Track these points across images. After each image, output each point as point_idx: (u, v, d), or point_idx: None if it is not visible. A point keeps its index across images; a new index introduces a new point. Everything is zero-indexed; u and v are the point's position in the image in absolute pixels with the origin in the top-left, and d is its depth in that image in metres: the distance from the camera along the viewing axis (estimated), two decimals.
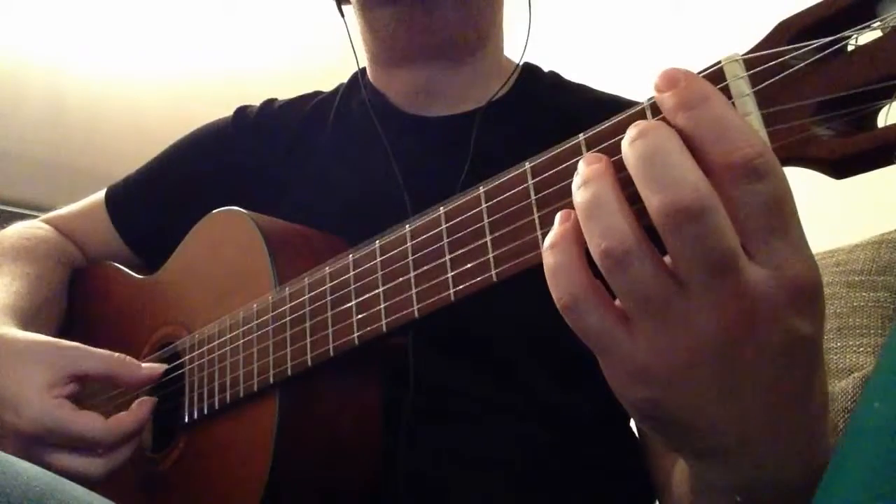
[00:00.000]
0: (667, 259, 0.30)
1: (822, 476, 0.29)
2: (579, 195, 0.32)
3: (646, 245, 0.30)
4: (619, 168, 0.31)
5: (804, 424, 0.33)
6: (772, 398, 0.31)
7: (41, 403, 0.55)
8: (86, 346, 0.59)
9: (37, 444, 0.55)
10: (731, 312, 0.29)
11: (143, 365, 0.60)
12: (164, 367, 0.62)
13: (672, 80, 0.30)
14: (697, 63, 0.33)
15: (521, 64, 0.77)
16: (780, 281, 0.29)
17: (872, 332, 0.72)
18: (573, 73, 0.79)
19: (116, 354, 0.60)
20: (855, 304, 0.74)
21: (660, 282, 0.30)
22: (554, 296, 0.32)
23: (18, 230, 0.83)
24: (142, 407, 0.58)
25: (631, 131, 0.30)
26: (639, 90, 0.47)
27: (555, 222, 0.33)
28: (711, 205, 0.28)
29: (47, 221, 0.87)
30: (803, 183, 0.36)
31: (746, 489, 0.34)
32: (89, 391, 0.67)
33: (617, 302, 0.32)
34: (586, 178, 0.32)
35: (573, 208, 0.32)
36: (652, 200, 0.29)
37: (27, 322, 0.67)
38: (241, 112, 0.83)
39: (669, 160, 0.29)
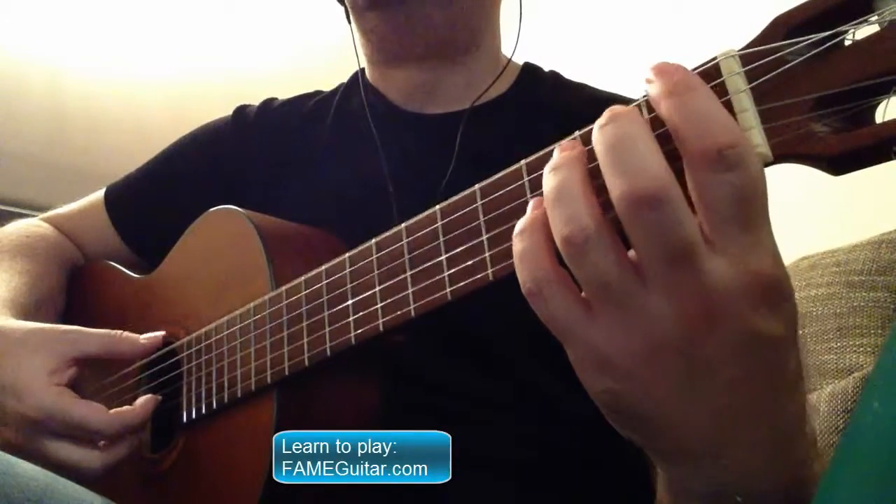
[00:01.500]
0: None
1: (807, 490, 0.29)
2: (547, 181, 0.32)
3: (607, 233, 0.30)
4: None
5: (772, 435, 0.32)
6: (735, 400, 0.31)
7: (43, 389, 0.55)
8: (83, 328, 0.60)
9: (38, 431, 0.55)
10: (690, 305, 0.29)
11: (141, 337, 0.61)
12: (163, 333, 0.62)
13: (662, 71, 0.30)
14: (696, 61, 0.32)
15: (511, 61, 0.76)
16: (741, 275, 0.28)
17: (872, 332, 0.72)
18: (573, 72, 0.79)
19: (113, 331, 0.60)
20: (855, 304, 0.74)
21: (619, 271, 0.30)
22: (520, 281, 0.32)
23: (19, 228, 0.83)
24: (145, 403, 0.58)
25: (602, 117, 0.30)
26: (639, 89, 0.46)
27: (527, 209, 0.33)
28: (671, 194, 0.28)
29: (47, 220, 0.87)
30: (803, 182, 0.36)
31: (715, 496, 0.33)
32: (91, 390, 0.67)
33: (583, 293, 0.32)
34: (555, 164, 0.32)
35: None
36: (613, 187, 0.29)
37: (26, 318, 0.67)
38: (241, 111, 0.83)
39: (634, 147, 0.29)
